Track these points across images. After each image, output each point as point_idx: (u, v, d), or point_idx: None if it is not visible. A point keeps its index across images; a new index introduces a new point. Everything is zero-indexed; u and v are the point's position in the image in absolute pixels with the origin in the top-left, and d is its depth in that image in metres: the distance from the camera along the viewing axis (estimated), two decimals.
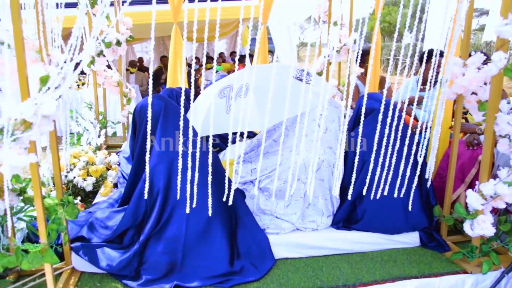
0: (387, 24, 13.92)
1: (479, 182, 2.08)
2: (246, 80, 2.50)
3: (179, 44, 3.62)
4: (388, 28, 13.86)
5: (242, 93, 2.40)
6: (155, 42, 8.95)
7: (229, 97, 2.40)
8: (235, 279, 1.99)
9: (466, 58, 2.10)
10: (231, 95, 2.39)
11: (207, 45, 4.64)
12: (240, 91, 2.41)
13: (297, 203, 2.31)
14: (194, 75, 1.65)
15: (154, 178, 2.02)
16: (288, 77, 2.21)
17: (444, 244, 2.28)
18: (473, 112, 2.15)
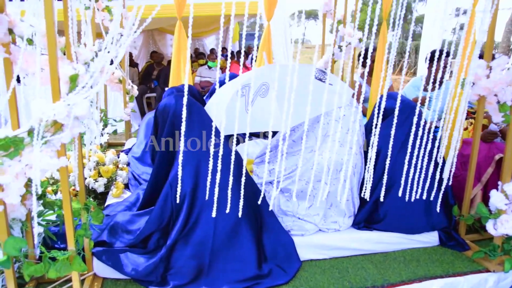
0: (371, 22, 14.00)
1: (502, 182, 2.12)
2: (265, 79, 2.46)
3: (184, 40, 3.53)
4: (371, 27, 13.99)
5: (262, 93, 2.37)
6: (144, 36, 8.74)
7: (248, 96, 2.36)
8: (264, 282, 1.97)
9: (489, 60, 2.13)
10: (249, 95, 2.35)
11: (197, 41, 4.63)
12: (260, 90, 2.37)
13: (320, 204, 2.29)
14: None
15: (181, 181, 1.96)
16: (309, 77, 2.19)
17: (463, 243, 2.31)
18: (493, 114, 2.18)
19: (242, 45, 1.79)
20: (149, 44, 9.15)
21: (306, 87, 1.73)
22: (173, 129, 2.08)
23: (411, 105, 2.43)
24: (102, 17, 3.40)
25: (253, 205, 2.12)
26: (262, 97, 2.38)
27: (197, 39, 9.40)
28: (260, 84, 2.36)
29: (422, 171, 2.09)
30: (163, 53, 8.53)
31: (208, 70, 6.77)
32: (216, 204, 1.77)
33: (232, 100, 2.31)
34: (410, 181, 2.07)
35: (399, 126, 2.19)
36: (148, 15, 1.52)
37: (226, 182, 1.79)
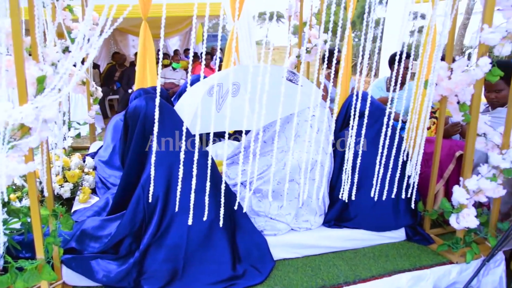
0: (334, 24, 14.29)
1: (463, 178, 2.23)
2: (236, 78, 2.47)
3: (149, 41, 3.48)
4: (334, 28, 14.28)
5: (233, 92, 2.37)
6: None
7: (220, 95, 2.36)
8: (239, 283, 1.97)
9: (450, 62, 2.24)
10: (221, 94, 2.35)
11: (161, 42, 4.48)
12: (231, 89, 2.37)
13: (292, 204, 2.33)
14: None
15: (153, 183, 1.93)
16: (279, 77, 2.21)
17: (428, 238, 2.41)
18: (454, 113, 2.29)
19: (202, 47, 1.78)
20: (110, 45, 8.94)
21: (277, 87, 1.75)
22: (144, 132, 2.05)
23: (381, 107, 2.51)
24: (64, 17, 3.29)
25: (226, 206, 2.11)
26: (233, 96, 2.38)
27: (159, 40, 9.22)
28: (231, 84, 2.37)
29: (390, 170, 2.16)
30: (125, 54, 8.35)
31: (172, 72, 6.69)
32: (188, 207, 1.75)
33: (204, 100, 2.30)
34: (381, 180, 2.14)
35: (369, 127, 2.25)
36: (115, 15, 1.49)
37: (198, 184, 1.78)
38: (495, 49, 1.97)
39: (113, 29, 1.50)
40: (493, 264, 2.31)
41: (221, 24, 1.50)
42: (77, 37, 1.51)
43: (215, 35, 1.71)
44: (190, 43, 5.60)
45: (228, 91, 2.37)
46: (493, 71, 2.03)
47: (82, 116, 3.92)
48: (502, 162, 2.15)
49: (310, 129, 2.33)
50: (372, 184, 2.15)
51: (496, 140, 2.21)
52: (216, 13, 3.26)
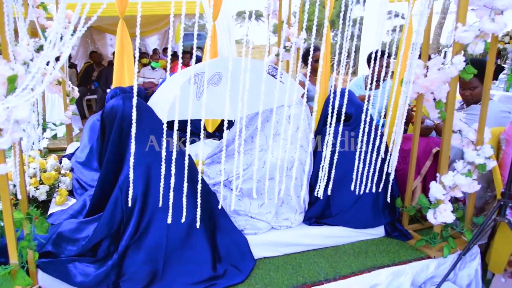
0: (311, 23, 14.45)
1: (439, 174, 2.27)
2: (219, 69, 2.45)
3: (127, 40, 3.43)
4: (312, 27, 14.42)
5: (214, 81, 2.35)
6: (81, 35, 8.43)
7: (201, 84, 2.33)
8: (220, 283, 1.96)
9: (426, 60, 2.27)
10: (202, 82, 2.32)
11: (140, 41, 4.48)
12: (212, 79, 2.36)
13: (271, 202, 2.33)
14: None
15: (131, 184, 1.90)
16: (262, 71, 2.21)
17: (406, 233, 2.44)
18: (430, 110, 2.33)
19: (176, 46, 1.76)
20: (87, 44, 8.78)
21: (258, 80, 1.74)
22: (121, 132, 2.01)
23: (361, 106, 2.52)
24: (37, 15, 3.22)
25: (205, 206, 2.10)
26: (214, 86, 2.36)
27: (142, 38, 9.15)
28: (213, 73, 2.35)
29: (368, 167, 2.18)
30: (103, 53, 8.22)
31: (151, 71, 6.62)
32: (168, 207, 1.73)
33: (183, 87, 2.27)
34: (360, 177, 2.16)
35: (349, 124, 2.27)
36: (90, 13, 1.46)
37: (178, 184, 1.76)
38: (469, 47, 2.01)
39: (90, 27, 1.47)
40: (469, 257, 2.36)
41: (196, 22, 1.48)
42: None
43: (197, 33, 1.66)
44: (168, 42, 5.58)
45: (210, 80, 2.34)
46: (467, 69, 2.07)
47: (59, 117, 3.83)
48: (477, 158, 2.20)
49: (289, 127, 2.34)
50: (352, 182, 2.17)
51: (471, 136, 2.25)
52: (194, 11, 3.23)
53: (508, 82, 4.91)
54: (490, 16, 1.96)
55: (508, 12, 1.98)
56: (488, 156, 2.21)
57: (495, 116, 2.67)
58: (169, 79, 2.46)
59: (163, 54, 8.48)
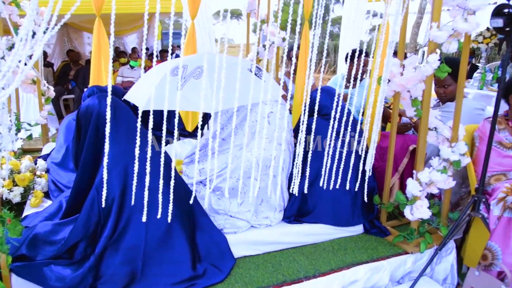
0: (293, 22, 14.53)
1: (416, 171, 2.31)
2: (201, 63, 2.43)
3: (103, 38, 3.38)
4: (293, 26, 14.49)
5: (196, 75, 2.33)
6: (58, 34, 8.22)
7: (183, 76, 2.31)
8: (199, 283, 1.95)
9: (402, 58, 2.31)
10: (184, 75, 2.30)
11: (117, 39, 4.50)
12: (194, 72, 2.34)
13: (251, 200, 2.32)
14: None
15: (108, 185, 1.87)
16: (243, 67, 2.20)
17: (385, 230, 2.48)
18: (406, 108, 2.37)
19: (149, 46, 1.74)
20: (64, 42, 8.61)
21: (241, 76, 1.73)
22: (98, 132, 1.98)
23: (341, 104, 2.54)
24: (10, 12, 3.13)
25: (185, 205, 2.09)
26: (195, 78, 2.35)
27: (117, 37, 9.02)
28: (195, 67, 2.33)
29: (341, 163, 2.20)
30: (80, 52, 8.08)
31: (130, 70, 6.54)
32: (147, 207, 1.72)
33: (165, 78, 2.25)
34: (335, 173, 2.17)
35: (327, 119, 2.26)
36: (64, 11, 1.42)
37: (155, 185, 1.74)
38: (443, 46, 2.05)
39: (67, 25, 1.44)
40: (445, 252, 2.41)
41: (172, 20, 1.47)
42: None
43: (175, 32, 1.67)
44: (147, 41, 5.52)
45: (193, 73, 2.33)
46: (442, 68, 2.12)
47: (35, 117, 3.75)
48: (452, 154, 2.25)
49: (268, 125, 2.34)
50: (330, 179, 2.18)
51: (446, 133, 2.30)
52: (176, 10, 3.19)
53: (482, 81, 5.04)
54: (463, 16, 2.00)
55: (480, 12, 2.03)
56: (462, 152, 2.26)
57: (469, 113, 2.74)
58: (145, 75, 2.44)
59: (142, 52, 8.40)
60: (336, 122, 1.99)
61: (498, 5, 1.97)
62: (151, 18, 6.80)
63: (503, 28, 1.94)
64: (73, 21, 7.42)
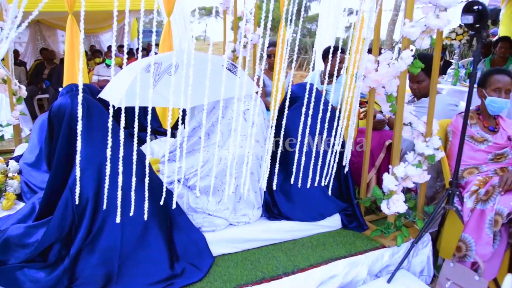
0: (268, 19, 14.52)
1: (392, 166, 2.34)
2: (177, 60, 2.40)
3: (77, 36, 3.31)
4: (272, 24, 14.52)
5: (172, 71, 2.30)
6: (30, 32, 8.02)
7: (157, 72, 2.28)
8: (178, 282, 1.93)
9: (377, 55, 2.33)
10: (159, 71, 2.27)
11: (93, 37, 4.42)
12: (169, 69, 2.31)
13: (229, 198, 2.32)
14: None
15: (81, 185, 1.84)
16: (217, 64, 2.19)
17: (363, 223, 2.50)
18: (382, 103, 2.40)
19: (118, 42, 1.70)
20: (37, 41, 8.39)
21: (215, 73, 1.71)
22: (70, 131, 1.94)
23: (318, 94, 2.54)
24: None
25: (161, 205, 2.07)
26: (169, 75, 2.32)
27: (92, 35, 8.86)
28: (169, 64, 2.30)
29: (324, 160, 2.22)
30: (55, 51, 7.90)
31: (106, 69, 6.43)
32: (122, 207, 1.69)
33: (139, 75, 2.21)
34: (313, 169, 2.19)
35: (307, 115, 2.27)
36: (33, 8, 1.38)
37: (130, 184, 1.71)
38: (416, 42, 2.09)
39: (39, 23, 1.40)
40: (421, 245, 2.46)
41: (141, 18, 1.44)
42: None
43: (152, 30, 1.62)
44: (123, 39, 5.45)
45: (167, 70, 2.30)
46: (415, 63, 2.15)
47: (6, 117, 3.65)
48: (426, 149, 2.29)
49: (244, 123, 2.34)
50: (306, 174, 2.19)
51: (421, 128, 2.34)
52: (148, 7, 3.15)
53: (456, 77, 5.15)
54: (435, 12, 2.04)
55: (452, 9, 2.07)
56: (436, 147, 2.30)
57: (443, 109, 2.79)
58: (118, 74, 2.40)
59: (118, 51, 8.27)
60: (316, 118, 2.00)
61: (468, 2, 2.01)
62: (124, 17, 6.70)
63: (473, 24, 1.99)
64: (45, 19, 7.25)
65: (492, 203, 2.23)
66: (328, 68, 3.62)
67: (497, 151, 2.46)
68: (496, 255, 2.27)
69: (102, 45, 9.25)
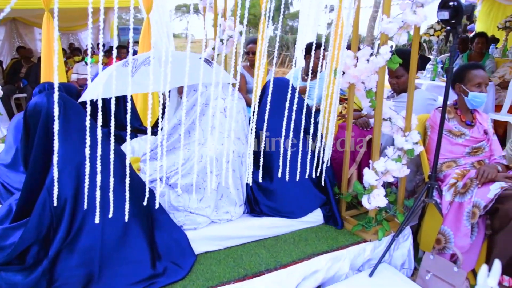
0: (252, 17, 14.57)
1: (372, 160, 2.36)
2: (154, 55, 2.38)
3: (53, 34, 3.24)
4: (253, 20, 14.52)
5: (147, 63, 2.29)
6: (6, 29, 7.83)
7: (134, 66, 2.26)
8: (160, 281, 1.92)
9: (356, 51, 2.35)
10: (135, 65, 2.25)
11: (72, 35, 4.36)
12: (145, 61, 2.29)
13: (211, 196, 2.31)
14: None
15: (59, 186, 1.80)
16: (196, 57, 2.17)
17: (339, 222, 2.49)
18: (361, 99, 2.42)
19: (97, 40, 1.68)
20: (13, 39, 8.19)
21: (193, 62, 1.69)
22: (47, 131, 1.90)
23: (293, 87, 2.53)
24: None
25: (142, 204, 2.05)
26: (146, 66, 2.30)
27: (71, 33, 8.69)
28: (146, 57, 2.29)
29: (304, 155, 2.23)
30: (32, 49, 7.73)
31: (85, 67, 6.33)
32: (102, 207, 1.67)
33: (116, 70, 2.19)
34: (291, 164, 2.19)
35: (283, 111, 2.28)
36: (3, 5, 1.34)
37: (109, 183, 1.69)
38: (394, 38, 2.11)
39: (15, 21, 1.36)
40: (402, 238, 2.49)
41: (115, 14, 1.42)
42: None
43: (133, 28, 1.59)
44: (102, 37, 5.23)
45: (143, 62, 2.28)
46: (393, 59, 2.17)
47: None
48: (405, 143, 2.32)
49: (225, 120, 2.33)
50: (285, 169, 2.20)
51: (400, 123, 2.36)
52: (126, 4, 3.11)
53: (434, 72, 5.23)
54: (412, 8, 2.06)
55: (430, 6, 2.10)
56: (415, 141, 2.34)
57: (422, 103, 2.84)
58: (102, 73, 2.37)
59: (97, 49, 8.14)
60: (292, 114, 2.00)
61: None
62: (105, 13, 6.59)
63: (449, 20, 2.02)
64: (22, 16, 7.08)
65: (470, 195, 2.28)
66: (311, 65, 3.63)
67: (474, 145, 2.51)
68: (474, 247, 2.32)
69: (81, 43, 9.08)
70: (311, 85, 3.63)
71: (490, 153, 2.57)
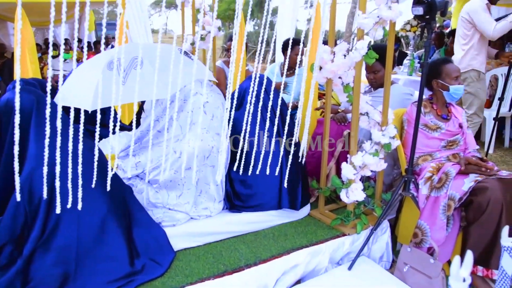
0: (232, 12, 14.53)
1: (350, 155, 2.38)
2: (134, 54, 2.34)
3: (27, 28, 3.17)
4: (233, 16, 14.47)
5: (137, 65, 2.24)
6: None
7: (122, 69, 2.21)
8: (138, 279, 1.90)
9: (333, 46, 2.36)
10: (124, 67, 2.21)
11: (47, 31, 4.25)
12: (134, 63, 2.25)
13: (189, 192, 2.30)
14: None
15: (33, 184, 1.77)
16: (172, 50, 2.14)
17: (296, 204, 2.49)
18: (339, 94, 2.43)
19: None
20: None
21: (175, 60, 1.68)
22: (20, 128, 1.85)
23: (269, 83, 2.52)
24: None
25: (120, 201, 2.03)
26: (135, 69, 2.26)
27: (46, 28, 8.49)
28: (132, 58, 2.24)
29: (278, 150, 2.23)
30: (5, 44, 7.53)
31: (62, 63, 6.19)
32: (76, 203, 1.63)
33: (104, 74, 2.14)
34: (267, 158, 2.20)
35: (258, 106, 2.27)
36: None
37: (83, 181, 1.66)
38: (370, 33, 2.13)
39: None
40: (380, 232, 2.53)
41: (88, 7, 1.39)
42: None
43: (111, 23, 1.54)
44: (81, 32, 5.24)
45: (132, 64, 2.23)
46: (370, 54, 2.19)
47: None
48: (382, 138, 2.35)
49: (204, 115, 2.31)
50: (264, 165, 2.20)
51: (377, 118, 2.39)
52: None
53: (411, 67, 5.31)
54: (387, 4, 2.08)
55: (406, 2, 2.13)
56: (392, 135, 2.37)
57: (399, 98, 2.87)
58: (75, 71, 2.32)
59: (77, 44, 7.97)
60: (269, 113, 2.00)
61: None
62: (82, 8, 6.46)
63: (424, 15, 2.05)
64: None
65: (446, 189, 2.33)
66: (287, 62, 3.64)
67: (450, 138, 2.56)
68: (449, 238, 2.37)
69: (57, 38, 8.87)
70: (288, 81, 3.64)
71: (465, 146, 2.62)
